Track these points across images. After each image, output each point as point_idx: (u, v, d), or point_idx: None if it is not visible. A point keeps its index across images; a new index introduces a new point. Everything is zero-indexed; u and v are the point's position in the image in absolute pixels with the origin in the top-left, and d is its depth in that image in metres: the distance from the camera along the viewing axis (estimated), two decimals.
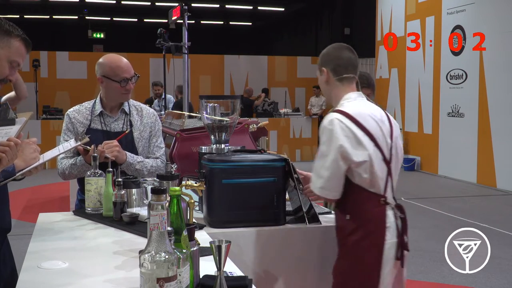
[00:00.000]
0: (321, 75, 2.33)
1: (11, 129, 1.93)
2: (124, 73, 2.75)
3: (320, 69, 2.33)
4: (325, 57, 2.33)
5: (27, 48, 1.98)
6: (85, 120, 2.81)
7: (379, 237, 2.17)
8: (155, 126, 2.92)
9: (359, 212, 2.19)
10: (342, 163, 2.14)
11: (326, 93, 2.37)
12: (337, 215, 2.31)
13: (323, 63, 2.32)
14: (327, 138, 2.16)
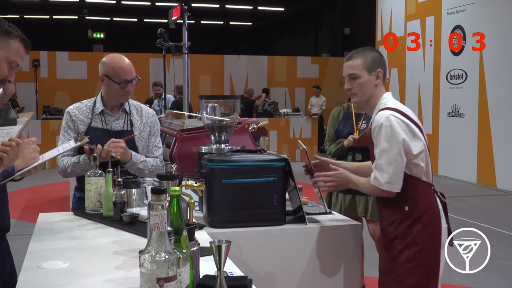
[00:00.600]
0: (371, 76, 2.37)
1: (13, 129, 1.93)
2: (125, 75, 2.76)
3: (376, 71, 2.37)
4: (379, 59, 2.41)
5: (26, 48, 1.97)
6: (86, 118, 2.82)
7: (438, 224, 2.35)
8: (154, 126, 2.93)
9: (418, 201, 2.31)
10: (404, 156, 2.26)
11: (367, 94, 2.39)
12: (391, 209, 2.35)
13: (379, 65, 2.38)
14: (387, 134, 2.24)
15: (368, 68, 2.37)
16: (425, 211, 2.31)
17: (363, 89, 2.39)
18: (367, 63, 2.37)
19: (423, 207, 2.32)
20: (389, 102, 2.35)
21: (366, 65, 2.37)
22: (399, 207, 2.32)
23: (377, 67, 2.37)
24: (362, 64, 2.37)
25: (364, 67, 2.37)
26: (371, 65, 2.37)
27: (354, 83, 2.39)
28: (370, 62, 2.37)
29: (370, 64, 2.37)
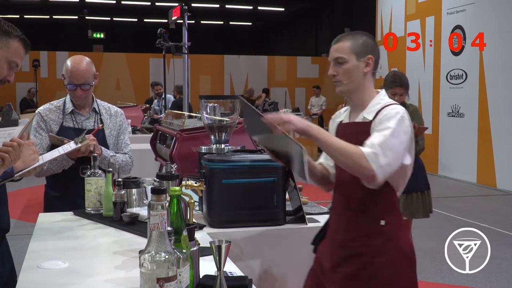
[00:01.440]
0: (360, 62, 2.01)
1: (14, 129, 1.93)
2: (72, 79, 2.81)
3: (366, 57, 2.01)
4: (372, 44, 2.05)
5: (25, 49, 1.98)
6: (57, 118, 2.89)
7: (410, 242, 2.05)
8: (123, 124, 3.04)
9: (393, 216, 1.99)
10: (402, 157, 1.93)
11: (354, 83, 2.03)
12: (364, 220, 1.98)
13: (371, 51, 2.03)
14: (401, 124, 1.90)
15: (357, 52, 2.01)
16: (398, 229, 2.01)
17: (350, 76, 2.02)
18: (356, 47, 2.01)
19: (397, 223, 2.02)
20: (396, 106, 1.99)
21: (355, 49, 2.01)
22: (375, 220, 1.96)
23: (368, 53, 2.01)
24: (350, 48, 2.01)
25: (353, 51, 2.01)
26: (361, 49, 2.01)
27: (340, 69, 2.02)
28: (360, 46, 2.02)
29: (360, 49, 2.01)
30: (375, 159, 1.83)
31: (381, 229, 1.95)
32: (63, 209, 2.62)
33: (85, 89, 2.82)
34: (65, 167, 2.75)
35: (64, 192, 2.84)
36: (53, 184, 2.90)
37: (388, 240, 1.95)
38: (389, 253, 1.95)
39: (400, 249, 1.97)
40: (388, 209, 1.98)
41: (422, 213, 3.84)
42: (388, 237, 1.96)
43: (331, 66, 2.06)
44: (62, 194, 2.85)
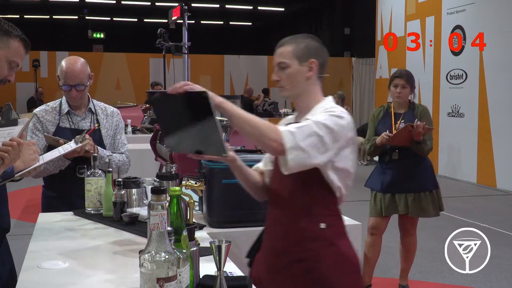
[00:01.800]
0: (302, 66, 1.95)
1: (14, 129, 1.94)
2: (68, 80, 2.82)
3: (309, 61, 1.96)
4: (316, 48, 2.01)
5: (26, 48, 1.98)
6: (53, 119, 2.90)
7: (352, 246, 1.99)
8: (119, 124, 3.05)
9: (333, 219, 1.94)
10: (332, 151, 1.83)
11: (298, 88, 1.97)
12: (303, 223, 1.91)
13: (314, 55, 1.98)
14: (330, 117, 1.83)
15: (299, 57, 1.96)
16: (341, 232, 1.96)
17: (292, 81, 1.96)
18: (298, 51, 1.96)
19: (340, 226, 1.96)
20: (339, 108, 1.92)
21: (297, 53, 1.96)
22: (314, 224, 1.90)
23: (310, 57, 1.96)
24: (292, 52, 1.97)
25: (295, 55, 1.96)
26: (303, 53, 1.96)
27: (283, 74, 1.97)
28: (303, 50, 1.97)
29: (302, 52, 1.96)
30: (291, 138, 1.75)
31: (321, 232, 1.89)
32: (60, 209, 2.62)
33: (80, 90, 2.83)
34: (61, 168, 2.76)
35: (61, 192, 2.84)
36: (50, 185, 2.91)
37: (330, 244, 1.90)
38: (332, 257, 1.89)
39: (342, 253, 1.92)
40: (328, 212, 1.92)
41: (433, 213, 3.85)
42: (329, 241, 1.90)
43: (275, 71, 2.02)
44: (59, 194, 2.85)
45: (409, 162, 3.83)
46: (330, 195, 1.92)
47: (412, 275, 4.32)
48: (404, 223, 3.98)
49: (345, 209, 2.60)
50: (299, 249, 1.90)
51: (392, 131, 3.82)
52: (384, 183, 3.86)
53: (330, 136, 1.80)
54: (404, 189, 3.81)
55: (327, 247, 1.90)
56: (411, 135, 3.66)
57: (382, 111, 4.01)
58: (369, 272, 3.96)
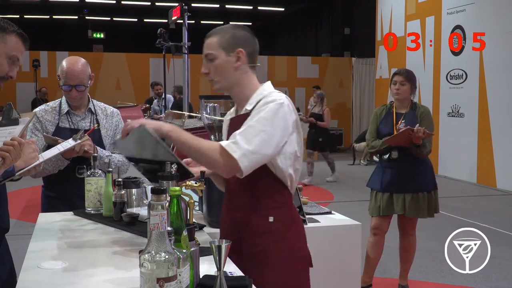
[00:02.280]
0: (229, 57, 1.92)
1: (15, 129, 1.94)
2: (68, 80, 2.82)
3: (236, 50, 1.92)
4: (244, 37, 1.97)
5: (24, 43, 1.98)
6: (53, 119, 2.90)
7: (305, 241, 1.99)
8: (119, 124, 3.03)
9: (283, 212, 1.92)
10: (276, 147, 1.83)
11: (227, 80, 1.94)
12: (253, 218, 1.90)
13: (242, 44, 1.94)
14: (271, 109, 1.81)
15: (225, 47, 1.91)
16: (291, 224, 1.93)
17: (221, 72, 1.93)
18: (224, 41, 1.92)
19: (289, 218, 1.94)
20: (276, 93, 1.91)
21: (223, 44, 1.91)
22: (262, 217, 1.90)
23: (237, 46, 1.92)
24: (217, 43, 1.92)
25: (221, 45, 1.91)
26: (230, 43, 1.92)
27: (211, 66, 1.94)
28: (229, 39, 1.92)
29: (228, 42, 1.92)
30: (235, 148, 1.75)
31: (270, 226, 1.88)
32: (60, 209, 2.62)
33: (80, 90, 2.84)
34: (60, 168, 2.76)
35: (60, 193, 2.84)
36: (49, 185, 2.92)
37: (279, 239, 1.88)
38: (279, 252, 1.88)
39: (290, 247, 1.90)
40: (276, 204, 1.90)
41: (427, 213, 3.86)
42: (278, 235, 1.88)
43: (203, 64, 1.97)
44: (58, 195, 2.86)
45: (409, 162, 3.83)
46: (278, 186, 1.90)
47: (412, 275, 4.32)
48: (403, 223, 3.99)
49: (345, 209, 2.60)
50: (248, 244, 1.89)
51: (394, 131, 3.83)
52: (384, 182, 3.87)
53: (274, 126, 1.80)
54: (402, 189, 3.82)
55: (275, 242, 1.88)
56: (410, 138, 3.67)
57: (384, 110, 4.02)
58: (370, 272, 3.97)
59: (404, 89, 3.87)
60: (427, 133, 3.66)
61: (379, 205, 3.88)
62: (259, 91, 1.94)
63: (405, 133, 3.66)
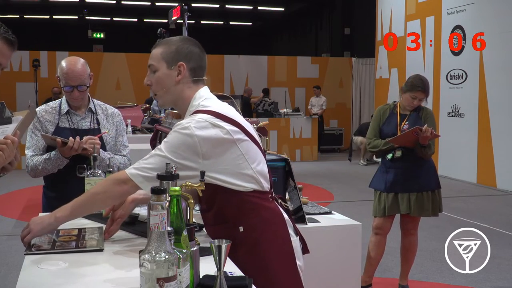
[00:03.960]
0: (171, 70, 1.90)
1: (8, 127, 1.93)
2: (69, 80, 2.82)
3: (177, 64, 1.91)
4: (187, 51, 1.94)
5: (10, 47, 1.90)
6: (53, 119, 2.90)
7: (286, 237, 1.92)
8: (120, 125, 3.03)
9: (252, 218, 1.87)
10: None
11: (169, 93, 1.93)
12: (225, 232, 1.85)
13: (184, 58, 1.92)
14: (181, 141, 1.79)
15: (168, 60, 1.90)
16: (265, 230, 1.88)
17: (162, 85, 1.91)
18: (167, 54, 1.90)
19: (262, 224, 1.87)
20: (205, 103, 1.91)
21: (166, 56, 1.90)
22: (231, 229, 1.87)
23: (179, 60, 1.90)
24: (161, 55, 1.91)
25: (163, 58, 1.90)
26: (173, 56, 1.90)
27: (153, 78, 1.92)
28: (172, 53, 1.90)
29: (171, 55, 1.90)
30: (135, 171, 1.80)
31: (242, 236, 1.85)
32: None
33: (82, 90, 2.84)
34: (60, 167, 2.76)
35: (61, 193, 2.83)
36: (50, 185, 2.92)
37: (252, 248, 1.85)
38: (253, 263, 1.83)
39: (263, 258, 1.85)
40: (241, 213, 1.86)
41: (431, 212, 3.86)
42: (251, 244, 1.85)
43: (147, 75, 1.95)
44: (59, 195, 2.84)
45: (412, 162, 3.83)
46: (237, 195, 1.84)
47: (412, 275, 4.32)
48: (405, 222, 3.99)
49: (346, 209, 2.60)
50: (237, 254, 1.82)
51: (398, 132, 3.83)
52: (388, 182, 3.86)
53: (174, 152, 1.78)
54: (407, 189, 3.82)
55: (249, 254, 1.85)
56: (416, 138, 3.67)
57: (388, 109, 4.01)
58: (370, 271, 3.97)
59: (421, 103, 3.89)
60: (434, 134, 3.66)
61: (384, 206, 3.88)
62: (191, 105, 1.93)
63: (411, 132, 3.66)
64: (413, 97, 3.84)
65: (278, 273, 1.88)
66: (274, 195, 1.97)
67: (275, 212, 1.92)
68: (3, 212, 5.73)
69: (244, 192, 1.85)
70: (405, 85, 3.96)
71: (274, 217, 1.91)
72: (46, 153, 2.80)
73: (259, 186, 1.87)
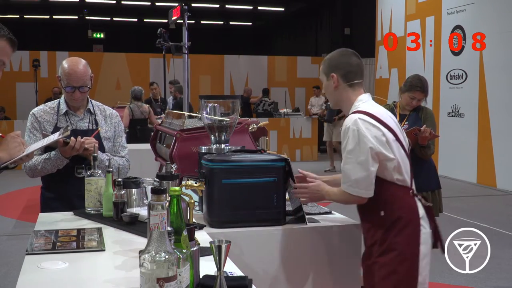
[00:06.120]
0: (329, 81, 2.38)
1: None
2: (71, 81, 2.81)
3: (328, 75, 2.38)
4: (334, 62, 2.38)
5: (12, 47, 1.99)
6: (51, 119, 2.89)
7: (416, 229, 2.24)
8: (119, 126, 3.03)
9: (393, 206, 2.25)
10: (372, 162, 2.20)
11: (334, 98, 2.42)
12: (366, 214, 2.34)
13: (333, 68, 2.37)
14: (354, 138, 2.21)
15: (326, 73, 2.40)
16: (401, 216, 2.25)
17: (328, 93, 2.44)
18: (324, 69, 2.41)
19: (399, 211, 2.25)
20: (361, 105, 2.31)
21: (324, 70, 2.41)
22: (375, 213, 2.28)
23: (331, 71, 2.37)
24: (322, 71, 2.43)
25: (323, 72, 2.42)
26: (327, 70, 2.40)
27: (323, 88, 2.47)
28: (326, 67, 2.40)
29: (326, 70, 2.40)
30: (345, 186, 2.25)
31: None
32: (59, 210, 2.61)
33: (83, 91, 2.84)
34: (59, 167, 2.75)
35: (59, 193, 2.84)
36: (48, 185, 2.91)
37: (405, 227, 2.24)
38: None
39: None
40: (384, 200, 2.25)
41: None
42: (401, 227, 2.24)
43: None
44: (57, 195, 2.85)
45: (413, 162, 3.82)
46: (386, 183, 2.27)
47: None
48: None
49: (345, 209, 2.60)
50: (370, 235, 2.37)
51: None
52: None
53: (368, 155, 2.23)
54: None
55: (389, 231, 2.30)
56: (416, 139, 3.66)
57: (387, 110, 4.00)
58: None
59: (420, 103, 3.88)
60: (433, 134, 3.65)
61: None
62: (353, 105, 2.35)
63: (411, 133, 3.65)
64: (412, 97, 3.84)
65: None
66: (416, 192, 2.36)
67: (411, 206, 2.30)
68: (3, 212, 5.72)
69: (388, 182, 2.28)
70: (404, 85, 3.95)
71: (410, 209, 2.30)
72: (44, 153, 2.79)
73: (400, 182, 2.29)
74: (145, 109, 8.82)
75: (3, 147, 2.05)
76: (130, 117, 8.63)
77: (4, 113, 12.72)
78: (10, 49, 1.98)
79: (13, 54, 2.01)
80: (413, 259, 2.23)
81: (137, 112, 8.72)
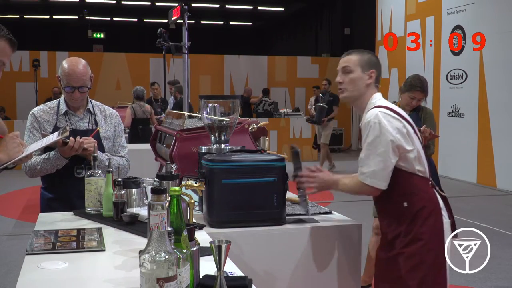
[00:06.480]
0: (364, 74, 2.37)
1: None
2: (71, 81, 2.81)
3: (367, 69, 2.37)
4: (375, 61, 2.43)
5: (12, 47, 2.00)
6: (51, 119, 2.89)
7: (439, 218, 2.35)
8: (119, 126, 3.02)
9: (415, 196, 2.30)
10: (392, 154, 2.24)
11: (359, 93, 2.39)
12: (388, 207, 2.36)
13: (374, 66, 2.40)
14: (375, 131, 2.24)
15: (363, 66, 2.38)
16: (424, 206, 2.31)
17: (354, 85, 2.38)
18: (362, 61, 2.38)
19: (422, 201, 2.31)
20: (378, 102, 2.36)
21: (361, 63, 2.38)
22: (398, 204, 2.31)
23: (371, 67, 2.38)
24: (357, 60, 2.39)
25: (359, 63, 2.38)
26: (366, 63, 2.38)
27: (346, 77, 2.39)
28: (366, 60, 2.39)
29: (365, 63, 2.38)
30: (362, 175, 2.28)
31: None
32: (59, 210, 2.61)
33: (83, 92, 2.83)
34: (58, 167, 2.75)
35: (59, 194, 2.84)
36: (48, 186, 2.91)
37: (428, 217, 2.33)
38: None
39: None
40: (407, 191, 2.30)
41: None
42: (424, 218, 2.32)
43: (339, 75, 2.41)
44: (57, 196, 2.85)
45: None
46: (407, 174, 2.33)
47: None
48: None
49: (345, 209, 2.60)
50: (392, 228, 2.41)
51: None
52: None
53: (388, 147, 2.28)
54: None
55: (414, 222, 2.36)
56: None
57: None
58: (370, 271, 3.96)
59: (420, 102, 3.88)
60: (432, 134, 3.65)
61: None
62: (369, 103, 2.38)
63: None
64: (412, 97, 3.83)
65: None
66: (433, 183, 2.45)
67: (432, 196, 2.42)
68: (3, 212, 5.72)
69: (409, 173, 2.34)
70: (403, 85, 3.94)
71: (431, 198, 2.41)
72: (44, 153, 2.79)
73: (420, 173, 2.35)
74: (147, 109, 8.84)
75: (2, 148, 2.05)
76: (132, 117, 8.64)
77: (4, 113, 12.72)
78: (10, 49, 1.99)
79: (13, 54, 2.03)
80: (439, 247, 2.35)
81: (139, 112, 8.72)
